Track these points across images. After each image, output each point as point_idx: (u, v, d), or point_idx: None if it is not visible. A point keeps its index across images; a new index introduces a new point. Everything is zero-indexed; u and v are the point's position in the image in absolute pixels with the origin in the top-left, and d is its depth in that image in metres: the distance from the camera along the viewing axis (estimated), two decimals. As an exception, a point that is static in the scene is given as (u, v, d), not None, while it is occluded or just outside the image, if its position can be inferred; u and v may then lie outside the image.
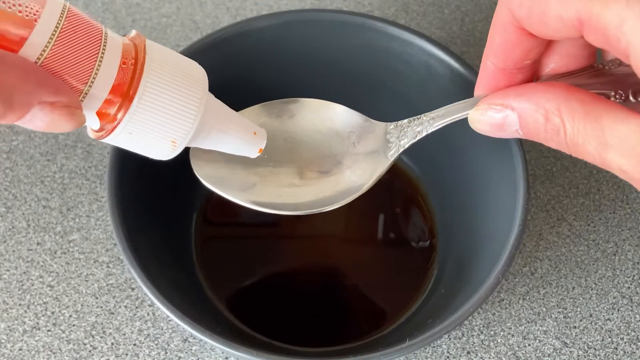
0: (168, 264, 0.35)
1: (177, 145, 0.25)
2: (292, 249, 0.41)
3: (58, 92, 0.22)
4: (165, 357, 0.37)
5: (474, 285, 0.31)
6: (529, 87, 0.25)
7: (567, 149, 0.24)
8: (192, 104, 0.25)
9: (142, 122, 0.24)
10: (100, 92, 0.23)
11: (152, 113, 0.24)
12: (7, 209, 0.41)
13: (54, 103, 0.21)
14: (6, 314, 0.38)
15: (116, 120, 0.24)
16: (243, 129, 0.28)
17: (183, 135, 0.25)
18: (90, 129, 0.25)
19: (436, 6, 0.49)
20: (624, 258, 0.41)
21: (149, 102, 0.24)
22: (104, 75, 0.23)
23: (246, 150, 0.28)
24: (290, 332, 0.37)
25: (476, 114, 0.27)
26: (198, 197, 0.40)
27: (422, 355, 0.38)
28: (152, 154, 0.26)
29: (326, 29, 0.37)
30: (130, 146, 0.25)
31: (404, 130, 0.30)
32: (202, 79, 0.25)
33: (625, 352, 0.38)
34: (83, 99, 0.23)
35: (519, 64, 0.26)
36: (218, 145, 0.27)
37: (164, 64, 0.24)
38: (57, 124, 0.22)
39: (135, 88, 0.23)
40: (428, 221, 0.41)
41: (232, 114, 0.27)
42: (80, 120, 0.22)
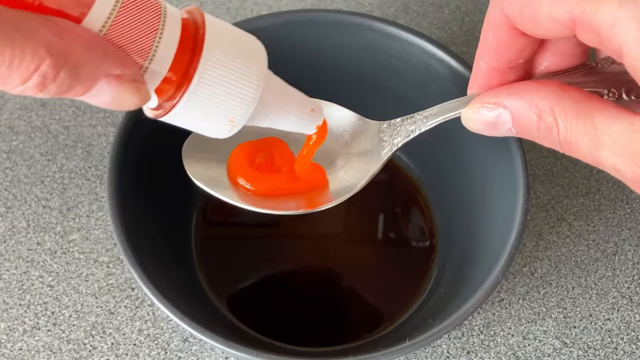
0: (168, 264, 0.35)
1: (235, 123, 0.25)
2: (292, 249, 0.41)
3: (124, 64, 0.21)
4: (165, 357, 0.37)
5: (474, 285, 0.31)
6: (522, 86, 0.25)
7: (560, 148, 0.24)
8: (252, 82, 0.24)
9: (202, 101, 0.23)
10: (160, 69, 0.22)
11: (212, 91, 0.23)
12: (7, 209, 0.41)
13: (120, 76, 0.21)
14: (6, 314, 0.38)
15: (175, 99, 0.23)
16: (301, 106, 0.27)
17: (242, 114, 0.24)
18: (148, 108, 0.24)
19: (436, 6, 0.49)
20: (624, 258, 0.41)
21: (209, 80, 0.23)
22: (164, 51, 0.22)
23: (304, 128, 0.28)
24: (290, 332, 0.37)
25: (469, 113, 0.27)
26: (198, 197, 0.40)
27: (422, 355, 0.38)
28: (209, 132, 0.25)
29: (326, 29, 0.37)
30: (188, 124, 0.25)
31: (397, 129, 0.30)
32: (262, 56, 0.25)
33: (625, 352, 0.38)
34: (143, 75, 0.22)
35: (511, 63, 0.26)
36: (276, 123, 0.26)
37: (223, 40, 0.23)
38: (123, 99, 0.21)
39: (195, 66, 0.23)
40: (428, 221, 0.41)
41: (291, 91, 0.27)
42: (145, 95, 0.22)
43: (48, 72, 0.19)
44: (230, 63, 0.23)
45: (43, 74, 0.19)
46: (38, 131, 0.43)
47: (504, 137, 0.33)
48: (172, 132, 0.37)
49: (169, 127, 0.37)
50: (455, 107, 0.28)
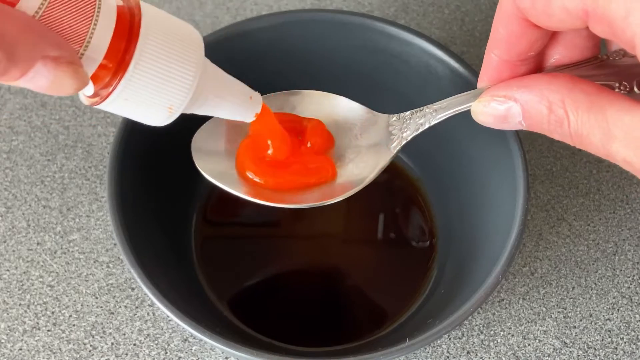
0: (168, 264, 0.35)
1: (173, 111, 0.25)
2: (292, 249, 0.41)
3: (61, 46, 0.21)
4: (165, 357, 0.37)
5: (474, 285, 0.31)
6: (533, 79, 0.25)
7: (571, 141, 0.24)
8: (189, 68, 0.24)
9: (139, 88, 0.23)
10: (96, 55, 0.22)
11: (148, 78, 0.23)
12: (7, 209, 0.41)
13: (57, 58, 0.21)
14: (6, 314, 0.38)
15: (111, 86, 0.23)
16: (239, 93, 0.27)
17: (180, 101, 0.24)
18: (84, 95, 0.24)
19: (436, 6, 0.49)
20: (624, 258, 0.41)
21: (145, 67, 0.23)
22: (99, 38, 0.22)
23: (242, 115, 0.28)
24: (291, 332, 0.37)
25: (479, 106, 0.27)
26: (198, 197, 0.40)
27: (422, 355, 0.38)
28: (147, 120, 0.25)
29: (326, 29, 0.37)
30: (125, 112, 0.24)
31: (406, 122, 0.30)
32: (198, 43, 0.25)
33: (625, 352, 0.38)
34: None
35: (522, 56, 0.26)
36: (214, 110, 0.27)
37: (160, 27, 0.23)
38: (61, 82, 0.21)
39: (132, 53, 0.23)
40: (428, 221, 0.41)
41: (228, 78, 0.27)
42: (83, 79, 0.22)
43: None
44: (167, 50, 0.23)
45: None
46: (38, 131, 0.43)
47: (504, 137, 0.33)
48: (172, 132, 0.37)
49: (169, 127, 0.37)
50: (465, 101, 0.28)
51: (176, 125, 0.37)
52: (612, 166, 0.43)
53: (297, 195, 0.31)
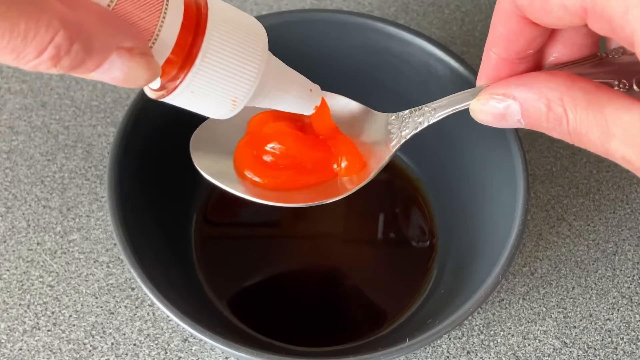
0: (168, 264, 0.35)
1: (237, 104, 0.25)
2: (292, 249, 0.41)
3: (135, 37, 0.21)
4: (165, 357, 0.37)
5: (474, 285, 0.31)
6: (531, 77, 0.25)
7: (569, 139, 0.24)
8: (254, 61, 0.24)
9: (205, 81, 0.24)
10: (164, 49, 0.22)
11: (215, 71, 0.23)
12: (7, 209, 0.41)
13: (131, 49, 0.21)
14: (6, 314, 0.38)
15: (178, 79, 0.23)
16: (301, 87, 0.27)
17: (244, 94, 0.25)
18: (149, 89, 0.25)
19: (436, 6, 0.49)
20: (624, 258, 0.41)
21: (212, 60, 0.23)
22: (167, 31, 0.22)
23: (303, 108, 0.28)
24: (290, 332, 0.37)
25: (478, 104, 0.27)
26: (198, 197, 0.40)
27: (422, 355, 0.38)
28: (211, 112, 0.25)
29: (326, 29, 0.37)
30: (191, 105, 0.25)
31: (405, 121, 0.30)
32: (263, 37, 0.25)
33: (625, 352, 0.38)
34: None
35: (521, 54, 0.26)
36: (276, 104, 0.27)
37: (226, 20, 0.24)
38: (135, 73, 0.21)
39: (199, 46, 0.23)
40: (428, 221, 0.41)
41: (291, 71, 0.27)
42: (156, 70, 0.22)
43: (62, 43, 0.19)
44: (233, 43, 0.24)
45: (57, 45, 0.19)
46: (38, 131, 0.43)
47: (504, 137, 0.33)
48: (172, 132, 0.37)
49: (169, 127, 0.37)
50: (463, 99, 0.28)
51: (176, 126, 0.37)
52: (612, 166, 0.43)
53: (296, 194, 0.31)
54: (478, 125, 0.36)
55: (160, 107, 0.35)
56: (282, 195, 0.30)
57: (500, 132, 0.33)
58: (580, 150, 0.44)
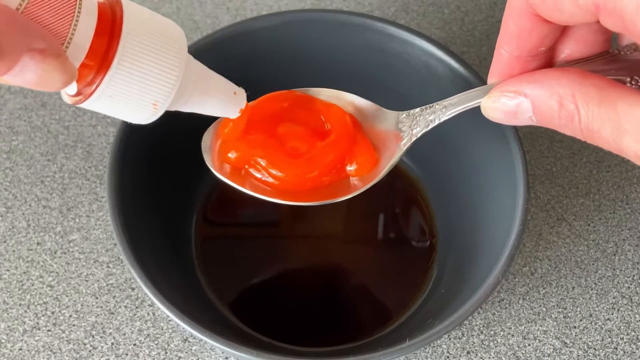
0: (168, 264, 0.35)
1: (158, 107, 0.25)
2: (292, 249, 0.41)
3: (47, 38, 0.20)
4: (165, 357, 0.37)
5: (474, 285, 0.31)
6: (543, 73, 0.25)
7: (581, 136, 0.24)
8: (172, 64, 0.24)
9: (122, 85, 0.23)
10: (78, 53, 0.22)
11: (132, 75, 0.23)
12: (7, 209, 0.41)
13: (44, 50, 0.20)
14: (6, 314, 0.38)
15: (94, 84, 0.23)
16: (224, 89, 0.27)
17: (164, 97, 0.25)
18: (66, 94, 0.24)
19: (436, 6, 0.49)
20: (624, 258, 0.41)
21: (128, 63, 0.23)
22: (81, 35, 0.22)
23: (227, 111, 0.28)
24: (291, 332, 0.37)
25: (489, 102, 0.26)
26: (198, 197, 0.40)
27: (422, 355, 0.38)
28: (133, 117, 0.25)
29: (326, 29, 0.37)
30: (110, 110, 0.24)
31: (416, 119, 0.30)
32: (181, 39, 0.25)
33: (625, 352, 0.38)
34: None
35: (533, 51, 0.26)
36: (199, 107, 0.27)
37: (142, 23, 0.24)
38: (49, 76, 0.20)
39: (114, 49, 0.23)
40: (428, 221, 0.41)
41: (212, 74, 0.27)
42: (71, 71, 0.21)
43: None
44: (150, 46, 0.23)
45: None
46: (38, 131, 0.43)
47: (504, 137, 0.33)
48: (172, 132, 0.37)
49: (169, 127, 0.37)
50: (474, 97, 0.28)
51: (176, 126, 0.37)
52: (612, 166, 0.43)
53: (307, 192, 0.30)
54: (478, 126, 0.36)
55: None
56: (293, 194, 0.30)
57: (500, 132, 0.33)
58: (580, 150, 0.44)
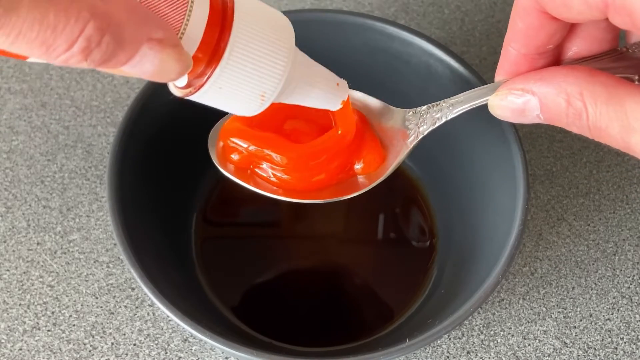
0: (168, 264, 0.35)
1: (265, 98, 0.25)
2: (292, 249, 0.41)
3: (165, 28, 0.20)
4: (165, 357, 0.37)
5: (474, 285, 0.31)
6: (551, 71, 0.25)
7: (589, 134, 0.24)
8: (281, 55, 0.24)
9: (232, 76, 0.23)
10: (191, 45, 0.22)
11: (242, 66, 0.23)
12: (7, 209, 0.41)
13: (162, 40, 0.20)
14: (6, 314, 0.38)
15: (205, 75, 0.23)
16: (328, 80, 0.27)
17: (273, 88, 0.24)
18: (175, 87, 0.24)
19: (436, 6, 0.49)
20: (624, 258, 0.41)
21: (239, 54, 0.23)
22: (194, 26, 0.22)
23: (330, 103, 0.28)
24: (291, 332, 0.37)
25: (496, 100, 0.26)
26: (198, 197, 0.40)
27: (422, 355, 0.38)
28: (240, 109, 0.25)
29: (326, 29, 0.37)
30: (219, 102, 0.24)
31: (422, 117, 0.30)
32: (290, 30, 0.25)
33: (625, 352, 0.38)
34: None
35: (541, 49, 0.26)
36: (303, 98, 0.26)
37: (252, 14, 0.23)
38: (166, 66, 0.20)
39: (226, 41, 0.23)
40: (428, 221, 0.41)
41: (317, 65, 0.27)
42: (187, 61, 0.21)
43: (93, 34, 0.18)
44: (260, 37, 0.23)
45: (88, 37, 0.18)
46: (38, 131, 0.43)
47: (504, 137, 0.33)
48: (172, 132, 0.37)
49: (169, 127, 0.37)
50: (482, 95, 0.28)
51: (176, 126, 0.37)
52: (612, 166, 0.43)
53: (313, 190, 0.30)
54: (479, 126, 0.36)
55: (161, 107, 0.35)
56: (297, 192, 0.30)
57: (500, 132, 0.33)
58: (580, 150, 0.44)
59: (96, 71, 0.46)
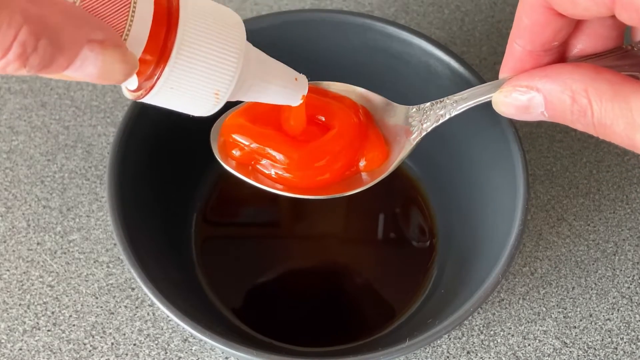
0: (168, 264, 0.35)
1: (220, 97, 0.24)
2: (292, 249, 0.41)
3: (105, 29, 0.20)
4: (165, 357, 0.37)
5: (474, 285, 0.31)
6: (556, 68, 0.25)
7: (594, 131, 0.24)
8: (232, 51, 0.24)
9: (183, 75, 0.23)
10: (137, 46, 0.22)
11: (192, 64, 0.23)
12: (7, 209, 0.41)
13: (103, 41, 0.20)
14: (6, 314, 0.38)
15: (155, 76, 0.22)
16: (285, 76, 0.27)
17: (226, 86, 0.24)
18: (127, 90, 0.24)
19: (436, 6, 0.49)
20: (624, 258, 0.41)
21: (188, 53, 0.22)
22: (138, 26, 0.21)
23: (289, 99, 0.27)
24: (291, 332, 0.37)
25: (500, 96, 0.26)
26: (198, 197, 0.40)
27: (422, 355, 0.38)
28: (195, 109, 0.25)
29: (326, 29, 0.37)
30: (172, 103, 0.24)
31: (426, 114, 0.30)
32: (240, 26, 0.24)
33: (625, 352, 0.38)
34: None
35: (546, 46, 0.26)
36: (261, 95, 0.26)
37: (199, 11, 0.23)
38: (110, 68, 0.20)
39: (173, 40, 0.22)
40: (428, 221, 0.41)
41: (273, 61, 0.26)
42: (133, 62, 0.21)
43: (27, 40, 0.18)
44: (208, 34, 0.23)
45: (22, 42, 0.18)
46: (38, 131, 0.43)
47: (504, 137, 0.33)
48: (172, 132, 0.37)
49: (169, 127, 0.37)
50: (485, 92, 0.28)
51: (176, 126, 0.37)
52: (612, 166, 0.43)
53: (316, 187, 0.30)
54: (479, 126, 0.36)
55: (161, 107, 0.35)
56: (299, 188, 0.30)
57: (501, 133, 0.33)
58: (580, 150, 0.44)
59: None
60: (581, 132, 0.44)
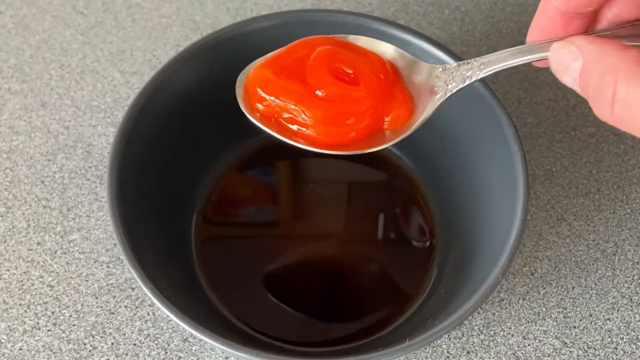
0: (168, 264, 0.35)
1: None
2: (292, 249, 0.41)
3: None
4: (165, 357, 0.37)
5: (474, 285, 0.31)
6: (607, 43, 0.24)
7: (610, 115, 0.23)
8: None
9: None
10: None
11: None
12: (7, 209, 0.41)
13: None
14: (6, 314, 0.38)
15: None
16: None
17: None
18: None
19: (436, 6, 0.49)
20: (624, 258, 0.41)
21: None
22: None
23: None
24: (291, 332, 0.37)
25: (558, 45, 0.25)
26: (198, 197, 0.40)
27: (422, 355, 0.38)
28: None
29: (326, 29, 0.37)
30: None
31: (452, 75, 0.29)
32: None
33: (625, 352, 0.38)
34: None
35: (580, 9, 0.26)
36: None
37: None
38: None
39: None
40: (428, 221, 0.41)
41: None
42: None
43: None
44: None
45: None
46: (38, 131, 0.43)
47: (504, 137, 0.33)
48: (172, 132, 0.37)
49: (169, 127, 0.37)
50: (513, 55, 0.27)
51: (176, 126, 0.37)
52: (612, 166, 0.43)
53: (340, 144, 0.30)
54: (479, 126, 0.36)
55: (161, 107, 0.35)
56: (324, 144, 0.30)
57: (501, 132, 0.33)
58: (580, 150, 0.44)
59: (96, 71, 0.46)
60: (581, 132, 0.44)
